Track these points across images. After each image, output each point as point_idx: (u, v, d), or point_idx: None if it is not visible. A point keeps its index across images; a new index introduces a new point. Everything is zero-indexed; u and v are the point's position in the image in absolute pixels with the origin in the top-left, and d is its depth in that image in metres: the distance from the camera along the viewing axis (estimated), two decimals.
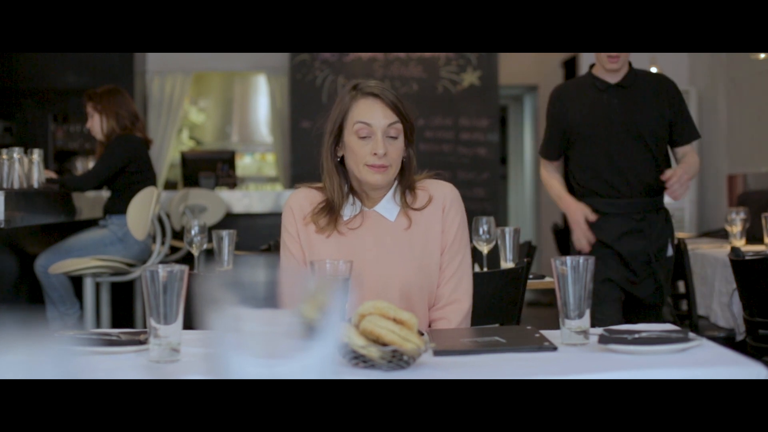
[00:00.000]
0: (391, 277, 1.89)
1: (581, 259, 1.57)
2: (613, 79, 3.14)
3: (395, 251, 1.91)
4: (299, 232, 1.94)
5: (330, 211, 1.92)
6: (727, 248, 3.50)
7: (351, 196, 1.95)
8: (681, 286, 3.66)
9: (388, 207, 1.94)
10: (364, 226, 1.93)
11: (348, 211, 1.94)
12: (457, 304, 1.93)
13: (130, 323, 4.69)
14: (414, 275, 1.90)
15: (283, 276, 0.74)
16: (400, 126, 1.90)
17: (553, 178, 3.30)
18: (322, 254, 1.89)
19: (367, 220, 1.94)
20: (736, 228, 3.92)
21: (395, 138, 1.89)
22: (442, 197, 1.95)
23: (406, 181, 1.96)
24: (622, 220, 3.12)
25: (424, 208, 1.94)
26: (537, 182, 8.69)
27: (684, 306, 3.63)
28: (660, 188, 3.14)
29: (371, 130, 1.87)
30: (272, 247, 3.68)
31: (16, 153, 3.68)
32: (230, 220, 5.53)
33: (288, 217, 1.97)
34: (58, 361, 0.62)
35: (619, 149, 3.12)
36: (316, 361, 0.74)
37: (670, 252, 3.17)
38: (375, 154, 1.86)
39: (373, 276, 1.88)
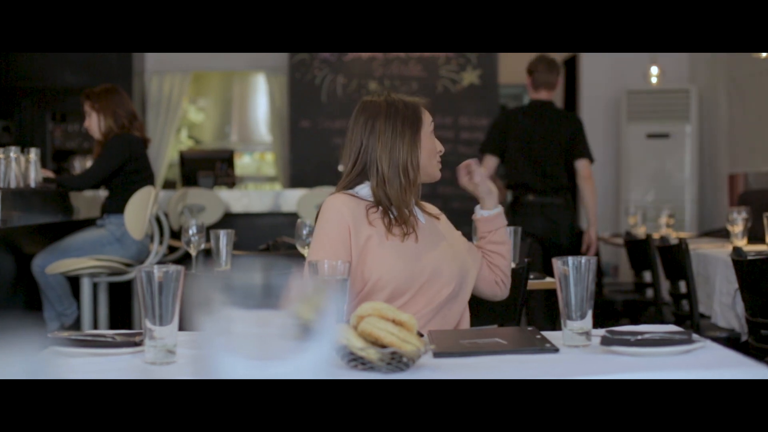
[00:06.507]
0: (448, 265, 1.97)
1: (583, 259, 1.55)
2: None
3: (441, 245, 2.01)
4: (350, 231, 1.95)
5: (388, 213, 1.98)
6: (729, 248, 3.48)
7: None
8: (682, 286, 3.63)
9: (416, 211, 2.07)
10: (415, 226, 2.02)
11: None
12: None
13: (128, 323, 4.67)
14: (467, 259, 2.04)
15: (280, 278, 0.72)
16: None
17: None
18: (377, 253, 1.92)
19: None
20: (738, 228, 3.90)
21: None
22: (441, 213, 2.15)
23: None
24: None
25: (436, 218, 2.11)
26: None
27: (685, 306, 3.61)
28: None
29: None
30: (271, 247, 3.66)
31: (13, 152, 3.65)
32: (229, 219, 5.52)
33: (337, 215, 1.95)
34: (30, 361, 0.61)
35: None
36: (311, 362, 0.72)
37: None
38: (439, 150, 2.10)
39: (432, 268, 1.95)
